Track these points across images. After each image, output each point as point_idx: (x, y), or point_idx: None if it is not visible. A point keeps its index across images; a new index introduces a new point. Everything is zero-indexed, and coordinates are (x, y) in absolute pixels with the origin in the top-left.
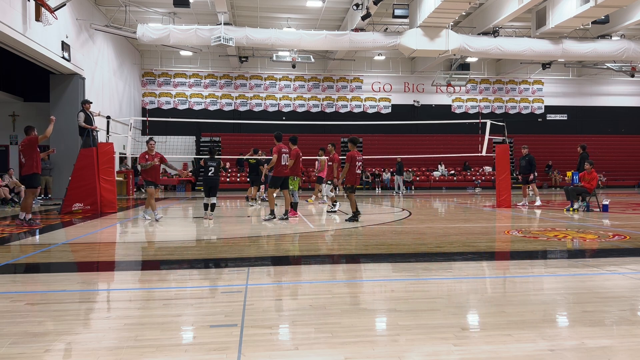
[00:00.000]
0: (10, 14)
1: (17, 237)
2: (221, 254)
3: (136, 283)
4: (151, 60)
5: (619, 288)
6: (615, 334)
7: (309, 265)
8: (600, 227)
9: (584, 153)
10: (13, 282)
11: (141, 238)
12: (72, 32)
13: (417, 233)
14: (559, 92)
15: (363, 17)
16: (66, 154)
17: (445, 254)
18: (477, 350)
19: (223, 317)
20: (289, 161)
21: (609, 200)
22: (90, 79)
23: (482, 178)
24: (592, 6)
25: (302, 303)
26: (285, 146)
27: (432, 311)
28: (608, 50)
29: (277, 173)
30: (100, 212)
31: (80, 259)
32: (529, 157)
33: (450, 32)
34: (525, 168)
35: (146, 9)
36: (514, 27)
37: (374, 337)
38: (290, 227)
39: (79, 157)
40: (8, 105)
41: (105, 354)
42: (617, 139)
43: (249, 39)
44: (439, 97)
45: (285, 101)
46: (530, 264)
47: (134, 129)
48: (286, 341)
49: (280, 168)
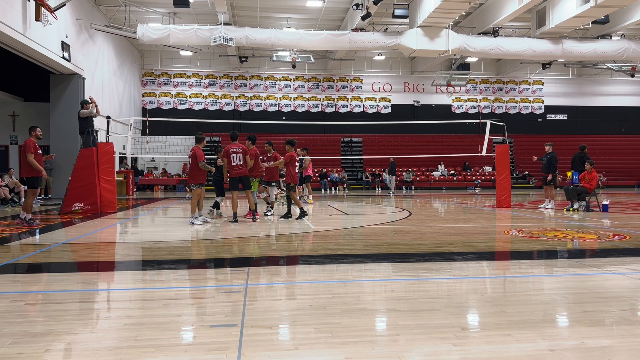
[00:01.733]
0: (10, 14)
1: (17, 237)
2: (221, 254)
3: (136, 283)
4: (151, 60)
5: (619, 288)
6: (615, 334)
7: (309, 265)
8: (600, 227)
9: (580, 153)
10: (13, 282)
11: (141, 238)
12: (72, 32)
13: (417, 233)
14: (559, 92)
15: (363, 17)
16: (66, 154)
17: (445, 254)
18: (477, 350)
19: (223, 317)
20: (250, 162)
21: (609, 200)
22: (90, 79)
23: (482, 178)
24: (592, 6)
25: (302, 303)
26: (236, 146)
27: (432, 311)
28: (608, 50)
29: (231, 175)
30: (100, 212)
31: (80, 259)
32: (550, 155)
33: (450, 32)
34: (545, 167)
35: (146, 9)
36: (514, 27)
37: (374, 337)
38: (290, 227)
39: (79, 157)
40: (8, 105)
41: (105, 354)
42: (617, 139)
43: (249, 39)
44: (439, 97)
45: (285, 101)
46: (530, 264)
47: (134, 129)
48: (286, 341)
49: (231, 169)
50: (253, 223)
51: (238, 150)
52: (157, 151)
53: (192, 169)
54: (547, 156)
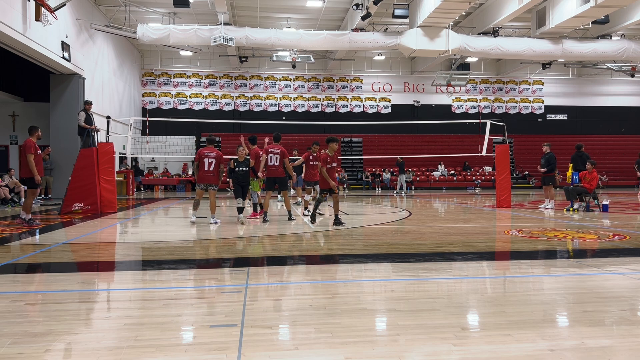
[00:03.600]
0: (10, 14)
1: (17, 237)
2: (221, 254)
3: (136, 283)
4: (151, 60)
5: (619, 288)
6: (615, 334)
7: (309, 265)
8: (600, 227)
9: (578, 152)
10: (13, 282)
11: (141, 238)
12: (72, 32)
13: (417, 233)
14: (559, 92)
15: (363, 17)
16: (66, 154)
17: (445, 254)
18: (477, 350)
19: (223, 317)
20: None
21: (609, 200)
22: (90, 79)
23: (482, 178)
24: (592, 6)
25: (302, 303)
26: (209, 149)
27: (432, 311)
28: (608, 50)
29: (267, 175)
30: (100, 212)
31: (80, 259)
32: (548, 155)
33: (450, 32)
34: (547, 166)
35: (146, 9)
36: (514, 27)
37: (374, 337)
38: (290, 227)
39: (79, 157)
40: (8, 105)
41: (105, 354)
42: (617, 139)
43: (249, 39)
44: (439, 97)
45: (285, 101)
46: (530, 264)
47: (134, 129)
48: (286, 341)
49: (268, 169)
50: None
51: (211, 155)
52: (157, 151)
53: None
54: (545, 156)
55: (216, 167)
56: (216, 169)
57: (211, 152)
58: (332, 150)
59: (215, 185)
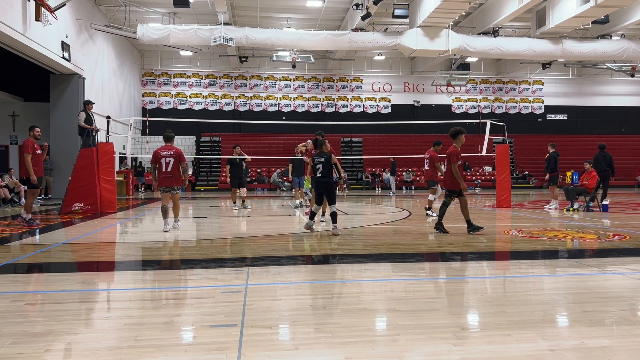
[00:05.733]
0: (10, 14)
1: (18, 237)
2: (221, 254)
3: (136, 283)
4: (151, 60)
5: (619, 288)
6: (615, 334)
7: (309, 265)
8: (600, 227)
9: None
10: (13, 282)
11: (141, 238)
12: (72, 32)
13: (417, 233)
14: (559, 92)
15: (363, 17)
16: (66, 154)
17: (445, 254)
18: (477, 350)
19: (223, 317)
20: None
21: (609, 200)
22: (90, 79)
23: (482, 178)
24: (592, 6)
25: (302, 303)
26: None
27: (432, 311)
28: (608, 50)
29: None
30: (100, 212)
31: (80, 259)
32: (549, 155)
33: (450, 32)
34: (547, 168)
35: (146, 9)
36: (514, 27)
37: (374, 337)
38: (290, 227)
39: (79, 157)
40: (8, 105)
41: (105, 354)
42: (617, 139)
43: (249, 39)
44: (439, 97)
45: (285, 101)
46: (530, 264)
47: (134, 129)
48: (286, 341)
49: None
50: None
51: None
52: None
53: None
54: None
55: (175, 166)
56: (176, 169)
57: (168, 151)
58: (460, 143)
59: (177, 188)
